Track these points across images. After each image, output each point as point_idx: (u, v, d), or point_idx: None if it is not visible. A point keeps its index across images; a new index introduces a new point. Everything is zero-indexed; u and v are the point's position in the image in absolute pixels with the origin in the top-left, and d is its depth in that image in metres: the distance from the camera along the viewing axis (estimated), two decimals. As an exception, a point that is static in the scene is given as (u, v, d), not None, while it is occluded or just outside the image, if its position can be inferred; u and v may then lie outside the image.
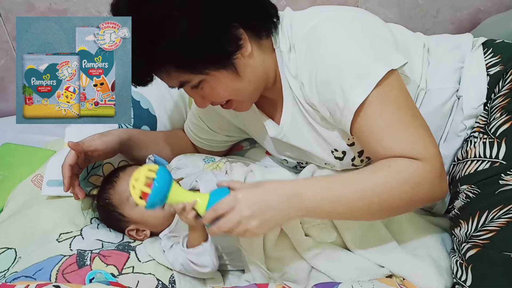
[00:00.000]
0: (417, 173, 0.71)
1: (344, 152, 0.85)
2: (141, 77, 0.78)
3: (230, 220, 0.70)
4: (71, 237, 0.88)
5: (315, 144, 0.86)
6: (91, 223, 0.94)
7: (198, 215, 0.74)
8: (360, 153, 0.85)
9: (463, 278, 0.75)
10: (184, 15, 0.72)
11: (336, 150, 0.85)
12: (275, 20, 0.82)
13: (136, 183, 0.70)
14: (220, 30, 0.74)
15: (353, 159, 0.86)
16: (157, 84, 0.81)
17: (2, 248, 0.88)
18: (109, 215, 0.91)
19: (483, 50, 0.87)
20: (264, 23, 0.80)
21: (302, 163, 0.96)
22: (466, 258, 0.76)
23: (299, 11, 0.85)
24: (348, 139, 0.83)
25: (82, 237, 0.89)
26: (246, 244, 0.81)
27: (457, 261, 0.78)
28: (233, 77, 0.78)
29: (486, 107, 0.82)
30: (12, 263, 0.84)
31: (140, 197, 0.70)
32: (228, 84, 0.79)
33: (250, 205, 0.70)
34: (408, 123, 0.72)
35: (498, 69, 0.83)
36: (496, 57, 0.84)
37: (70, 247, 0.86)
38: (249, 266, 0.82)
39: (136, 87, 0.80)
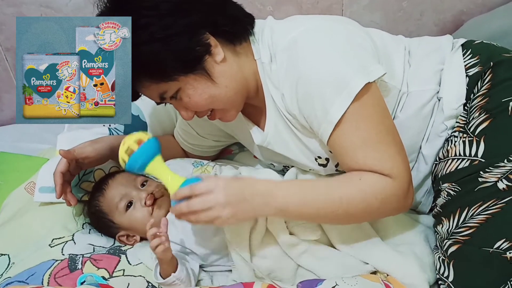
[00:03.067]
0: (385, 189, 0.74)
1: (327, 159, 0.86)
2: None
3: (205, 202, 0.72)
4: (63, 242, 0.90)
5: (299, 151, 0.87)
6: (83, 228, 0.95)
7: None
8: None
9: (446, 274, 0.77)
10: (151, 22, 0.74)
11: (319, 157, 0.87)
12: (249, 27, 0.83)
13: (127, 141, 0.75)
14: (186, 35, 0.75)
15: (336, 165, 0.88)
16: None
17: (-4, 254, 0.89)
18: (99, 221, 0.93)
19: (462, 52, 0.88)
20: (235, 30, 0.81)
21: (288, 167, 0.98)
22: (448, 255, 0.78)
23: (281, 20, 0.86)
24: None
25: (74, 242, 0.90)
26: (232, 238, 0.83)
27: (439, 257, 0.79)
28: (207, 83, 0.79)
29: (466, 107, 0.84)
30: (6, 269, 0.86)
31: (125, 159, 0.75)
32: (203, 91, 0.79)
33: (228, 193, 0.73)
34: (380, 141, 0.75)
35: (476, 70, 0.84)
36: (475, 58, 0.86)
37: (62, 251, 0.88)
38: (234, 261, 0.83)
39: None
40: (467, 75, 0.85)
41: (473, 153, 0.78)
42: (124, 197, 0.89)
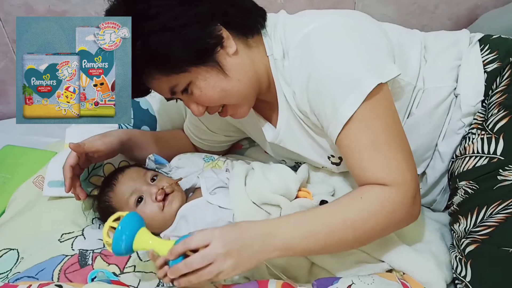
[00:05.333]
0: (389, 202, 0.71)
1: (340, 158, 0.85)
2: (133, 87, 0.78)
3: (203, 256, 0.66)
4: (73, 237, 0.89)
5: (311, 150, 0.86)
6: (92, 223, 0.94)
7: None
8: None
9: (463, 273, 0.76)
10: (160, 11, 0.72)
11: (332, 156, 0.85)
12: (261, 20, 0.81)
13: (106, 224, 0.73)
14: (197, 25, 0.74)
15: None
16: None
17: (5, 249, 0.88)
18: (109, 217, 0.92)
19: (480, 47, 0.86)
20: (247, 21, 0.79)
21: (299, 163, 0.97)
22: (465, 254, 0.76)
23: (293, 15, 0.84)
24: None
25: (84, 237, 0.89)
26: None
27: (456, 256, 0.78)
28: (220, 76, 0.77)
29: (484, 104, 0.82)
30: (15, 264, 0.85)
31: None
32: (215, 84, 0.77)
33: (226, 242, 0.67)
34: (387, 145, 0.72)
35: (495, 66, 0.83)
36: (493, 54, 0.84)
37: (72, 247, 0.87)
38: None
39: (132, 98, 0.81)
40: (485, 71, 0.83)
41: (491, 150, 0.77)
42: (134, 192, 0.87)
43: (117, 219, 0.74)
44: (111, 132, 0.97)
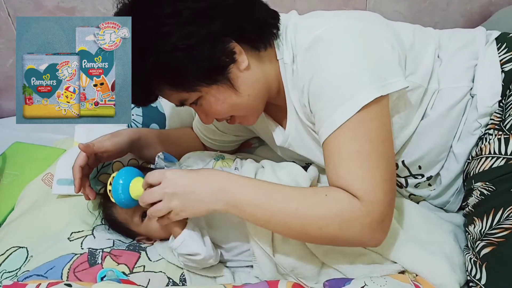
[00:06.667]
0: (349, 212, 0.68)
1: None
2: (139, 96, 0.78)
3: (152, 193, 0.73)
4: (83, 236, 0.88)
5: (320, 153, 0.84)
6: (102, 223, 0.94)
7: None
8: None
9: (478, 276, 0.74)
10: (172, 30, 0.71)
11: None
12: (274, 31, 0.79)
13: (107, 185, 0.80)
14: (210, 44, 0.72)
15: None
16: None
17: (14, 247, 0.88)
18: (117, 228, 0.92)
19: (497, 45, 0.84)
20: (261, 35, 0.78)
21: (310, 164, 0.95)
22: (480, 256, 0.75)
23: (304, 16, 0.83)
24: None
25: (94, 236, 0.89)
26: (252, 230, 0.81)
27: (471, 258, 0.77)
28: (230, 93, 0.77)
29: (501, 104, 0.80)
30: (24, 262, 0.85)
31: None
32: (225, 100, 0.77)
33: (174, 184, 0.72)
34: (368, 160, 0.69)
35: None
36: (511, 53, 0.82)
37: (81, 245, 0.86)
38: (256, 256, 0.81)
39: (138, 107, 0.81)
40: (502, 71, 0.81)
41: (509, 151, 0.75)
42: (137, 209, 0.87)
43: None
44: (121, 131, 0.96)
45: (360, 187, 0.69)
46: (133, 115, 1.14)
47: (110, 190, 0.80)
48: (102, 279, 0.79)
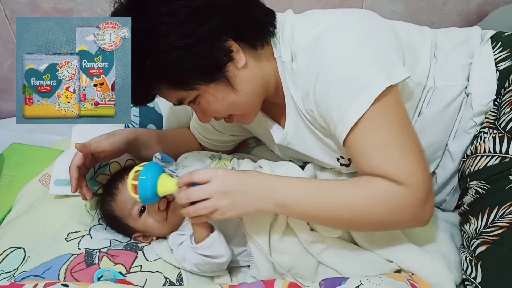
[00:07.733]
0: (395, 198, 0.69)
1: (350, 159, 0.83)
2: (137, 95, 0.77)
3: (203, 190, 0.72)
4: (80, 237, 0.88)
5: (320, 151, 0.85)
6: (99, 223, 0.94)
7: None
8: None
9: (473, 274, 0.75)
10: (170, 29, 0.71)
11: (342, 157, 0.84)
12: (271, 29, 0.79)
13: (129, 177, 0.76)
14: (208, 42, 0.72)
15: None
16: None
17: (11, 247, 0.88)
18: (114, 224, 0.92)
19: (492, 44, 0.85)
20: (258, 33, 0.78)
21: (307, 163, 0.96)
22: (475, 255, 0.75)
23: (301, 15, 0.83)
24: None
25: (91, 237, 0.89)
26: (250, 229, 0.81)
27: (466, 257, 0.77)
28: (228, 91, 0.77)
29: (496, 103, 0.81)
30: (21, 263, 0.85)
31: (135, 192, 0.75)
32: (223, 98, 0.77)
33: (226, 183, 0.72)
34: (398, 145, 0.70)
35: (508, 63, 0.81)
36: (506, 51, 0.83)
37: (78, 246, 0.86)
38: (253, 256, 0.81)
39: (135, 106, 0.81)
40: (497, 70, 0.82)
41: (503, 150, 0.75)
42: (136, 203, 0.87)
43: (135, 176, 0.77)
44: (117, 131, 0.96)
45: (399, 172, 0.69)
46: (130, 115, 1.14)
47: (133, 185, 0.76)
48: (99, 279, 0.79)
